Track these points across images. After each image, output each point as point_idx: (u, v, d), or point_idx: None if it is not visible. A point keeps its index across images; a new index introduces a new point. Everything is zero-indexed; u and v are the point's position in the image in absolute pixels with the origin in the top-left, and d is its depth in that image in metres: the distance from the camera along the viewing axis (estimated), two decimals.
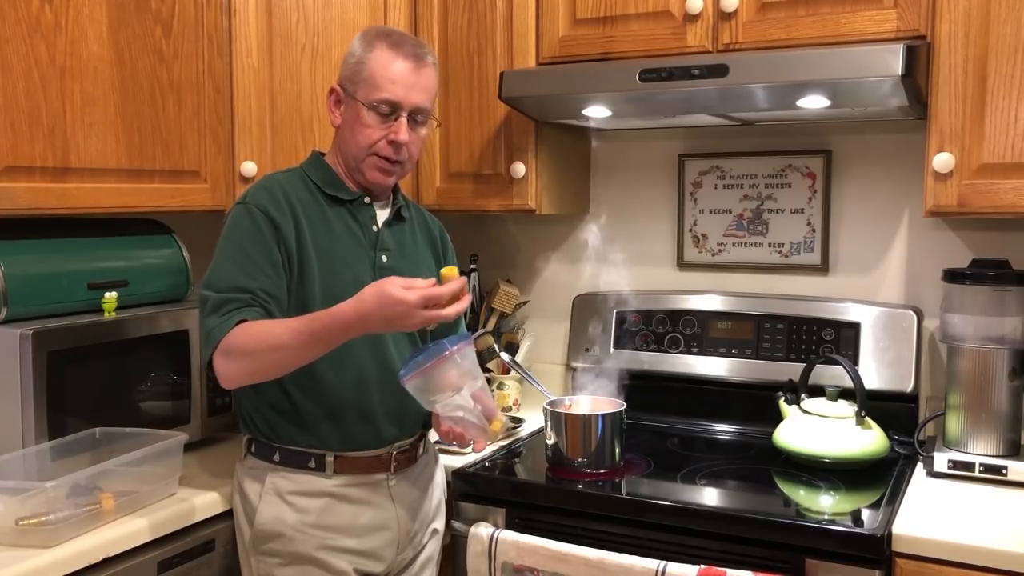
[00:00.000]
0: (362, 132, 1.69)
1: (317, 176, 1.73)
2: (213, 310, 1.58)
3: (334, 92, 1.73)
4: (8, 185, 1.68)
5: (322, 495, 1.67)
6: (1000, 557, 1.51)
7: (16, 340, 1.69)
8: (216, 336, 1.55)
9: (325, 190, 1.72)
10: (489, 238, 2.68)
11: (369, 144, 1.69)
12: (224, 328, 1.55)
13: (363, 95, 1.68)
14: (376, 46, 1.69)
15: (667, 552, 1.68)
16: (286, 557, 1.66)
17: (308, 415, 1.66)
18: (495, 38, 2.22)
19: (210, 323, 1.57)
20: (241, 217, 1.65)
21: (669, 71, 1.85)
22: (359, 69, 1.69)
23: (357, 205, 1.74)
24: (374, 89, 1.67)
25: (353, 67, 1.70)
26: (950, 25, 1.77)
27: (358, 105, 1.69)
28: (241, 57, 2.13)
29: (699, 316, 2.31)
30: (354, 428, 1.68)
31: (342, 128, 1.74)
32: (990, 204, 1.77)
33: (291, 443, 1.68)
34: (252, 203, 1.65)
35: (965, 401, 1.89)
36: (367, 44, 1.70)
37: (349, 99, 1.71)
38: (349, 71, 1.71)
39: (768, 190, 2.32)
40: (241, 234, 1.64)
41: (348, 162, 1.74)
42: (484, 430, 1.62)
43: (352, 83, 1.70)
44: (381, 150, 1.70)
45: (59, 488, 1.54)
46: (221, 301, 1.58)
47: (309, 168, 1.76)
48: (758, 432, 2.16)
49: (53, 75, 1.75)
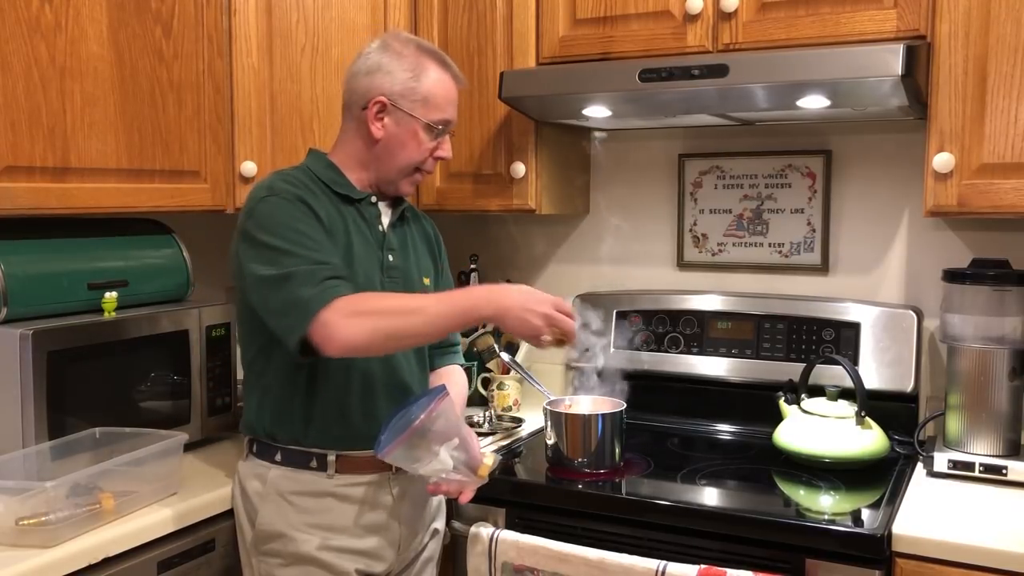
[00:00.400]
0: (416, 148, 1.71)
1: (325, 175, 1.72)
2: (300, 282, 1.52)
3: (379, 104, 1.69)
4: (8, 185, 1.68)
5: (324, 495, 1.67)
6: (1000, 557, 1.51)
7: (16, 340, 1.69)
8: (315, 304, 1.49)
9: (334, 189, 1.71)
10: (489, 238, 2.68)
11: (420, 160, 1.73)
12: (325, 295, 1.50)
13: (423, 113, 1.70)
14: (428, 66, 1.71)
15: (667, 552, 1.68)
16: (288, 557, 1.66)
17: (313, 414, 1.66)
18: (495, 38, 2.22)
19: (304, 293, 1.50)
20: (282, 204, 1.60)
21: (669, 71, 1.85)
22: (415, 87, 1.69)
23: (364, 204, 1.74)
24: (435, 109, 1.71)
25: (408, 83, 1.69)
26: (950, 25, 1.77)
27: (415, 123, 1.70)
28: (241, 57, 2.13)
29: (699, 316, 2.31)
30: (358, 428, 1.68)
31: (386, 141, 1.71)
32: (990, 204, 1.77)
33: (293, 442, 1.68)
34: (283, 193, 1.62)
35: (965, 401, 1.89)
36: (416, 61, 1.70)
37: (403, 115, 1.69)
38: (402, 87, 1.69)
39: (768, 190, 2.32)
40: (289, 217, 1.59)
41: (384, 174, 1.73)
42: (470, 481, 1.63)
43: (407, 100, 1.69)
44: (427, 166, 1.76)
45: (59, 488, 1.54)
46: (306, 272, 1.52)
47: (315, 167, 1.74)
48: (758, 432, 2.16)
49: (53, 75, 1.75)
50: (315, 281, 1.52)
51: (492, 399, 2.44)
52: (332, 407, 1.66)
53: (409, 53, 1.71)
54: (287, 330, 1.53)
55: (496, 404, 2.43)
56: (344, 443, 1.68)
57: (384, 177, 1.74)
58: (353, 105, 1.73)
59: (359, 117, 1.72)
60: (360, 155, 1.74)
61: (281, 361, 1.64)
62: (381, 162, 1.73)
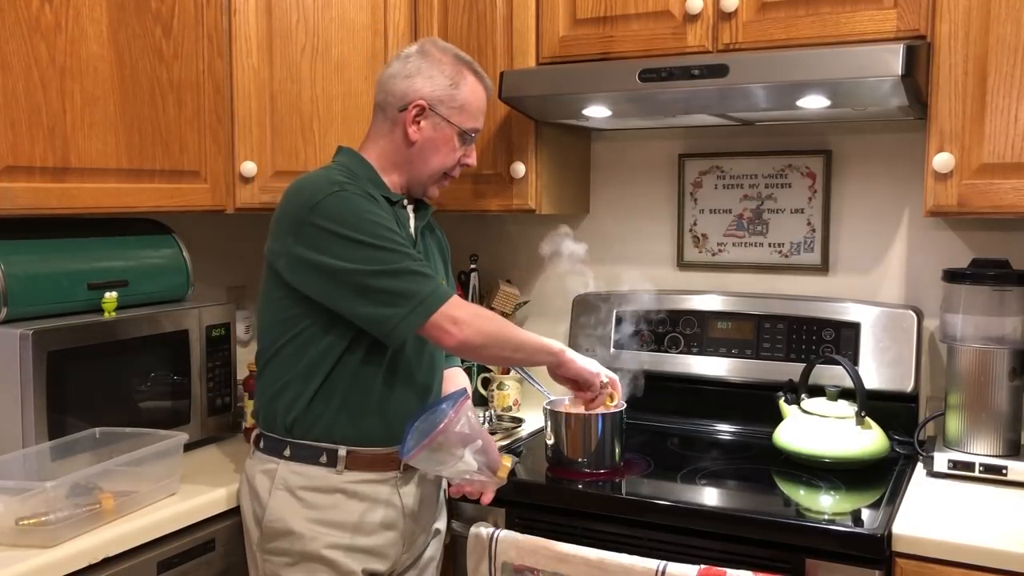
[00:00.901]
0: (448, 154, 1.76)
1: (363, 174, 1.73)
2: (417, 277, 1.60)
3: (418, 107, 1.72)
4: (8, 185, 1.68)
5: (333, 491, 1.67)
6: (1000, 557, 1.51)
7: (16, 340, 1.69)
8: (445, 292, 1.61)
9: (371, 189, 1.71)
10: (489, 238, 2.68)
11: (451, 166, 1.79)
12: (444, 290, 1.62)
13: (459, 120, 1.75)
14: (465, 74, 1.76)
15: (667, 552, 1.68)
16: (294, 556, 1.66)
17: (330, 408, 1.66)
18: (495, 38, 2.22)
19: (424, 287, 1.59)
20: (358, 200, 1.62)
21: (669, 71, 1.85)
22: (454, 94, 1.74)
23: (399, 207, 1.76)
24: (469, 118, 1.77)
25: (448, 90, 1.73)
26: (950, 25, 1.77)
27: (451, 129, 1.75)
28: (241, 57, 2.13)
29: (699, 316, 2.31)
30: (373, 425, 1.68)
31: (421, 145, 1.74)
32: (990, 204, 1.77)
33: (305, 436, 1.68)
34: (355, 190, 1.64)
35: (965, 401, 1.89)
36: (455, 69, 1.75)
37: (440, 120, 1.74)
38: (442, 92, 1.73)
39: (768, 190, 2.32)
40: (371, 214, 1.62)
41: (416, 176, 1.76)
42: (490, 482, 1.68)
43: (446, 106, 1.73)
44: (455, 172, 1.81)
45: (59, 488, 1.54)
46: (420, 269, 1.61)
47: (354, 166, 1.74)
48: (758, 432, 2.16)
49: (53, 75, 1.75)
50: (429, 277, 1.61)
51: (492, 399, 2.44)
52: (350, 402, 1.67)
53: (448, 61, 1.75)
54: (396, 319, 1.58)
55: (496, 404, 2.43)
56: (357, 439, 1.68)
57: (415, 179, 1.77)
58: (389, 107, 1.75)
59: (395, 119, 1.74)
60: (393, 156, 1.76)
61: (314, 354, 1.65)
62: (413, 165, 1.76)
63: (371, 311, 1.59)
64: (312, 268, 1.60)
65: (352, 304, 1.60)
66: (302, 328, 1.65)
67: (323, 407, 1.66)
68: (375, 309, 1.59)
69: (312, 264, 1.60)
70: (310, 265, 1.60)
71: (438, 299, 1.60)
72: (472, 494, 1.71)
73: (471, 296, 2.56)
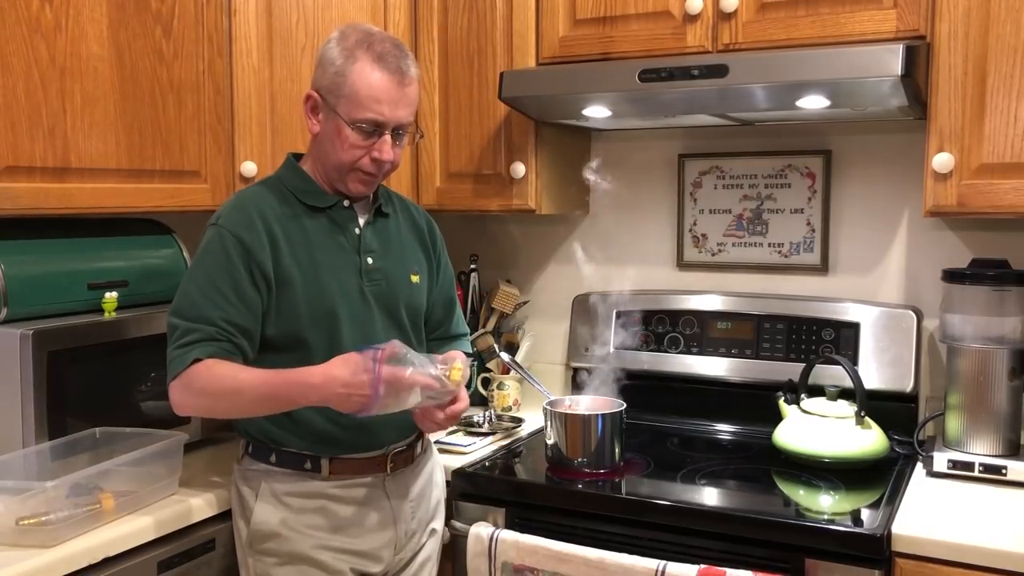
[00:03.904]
0: (345, 150, 1.64)
1: (293, 185, 1.70)
2: (176, 340, 1.57)
3: (311, 99, 1.66)
4: (8, 185, 1.68)
5: (318, 496, 1.67)
6: (1000, 557, 1.51)
7: (16, 340, 1.69)
8: (175, 368, 1.56)
9: (302, 199, 1.69)
10: (489, 238, 2.68)
11: (352, 161, 1.65)
12: (183, 361, 1.55)
13: (345, 112, 1.61)
14: (358, 58, 1.60)
15: (667, 552, 1.68)
16: (283, 556, 1.66)
17: (301, 420, 1.65)
18: (495, 38, 2.22)
19: (172, 353, 1.57)
20: (212, 243, 1.62)
21: (669, 71, 1.85)
22: (340, 82, 1.61)
23: (336, 210, 1.71)
24: (357, 107, 1.61)
25: (333, 78, 1.62)
26: (950, 25, 1.77)
27: (339, 121, 1.62)
28: (241, 57, 2.13)
29: (699, 316, 2.31)
30: (349, 433, 1.67)
31: (321, 138, 1.68)
32: (990, 204, 1.77)
33: (287, 445, 1.68)
34: (224, 226, 1.62)
35: (965, 401, 1.89)
36: (347, 54, 1.61)
37: (329, 111, 1.63)
38: (328, 81, 1.62)
39: (768, 190, 2.32)
40: (210, 261, 1.61)
41: (328, 172, 1.70)
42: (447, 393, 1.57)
43: (332, 95, 1.62)
44: (364, 166, 1.66)
45: (59, 488, 1.54)
46: (185, 330, 1.57)
47: (285, 177, 1.72)
48: (758, 432, 2.16)
49: (53, 75, 1.75)
50: (182, 343, 1.56)
51: (492, 399, 2.44)
52: (320, 413, 1.64)
53: (348, 46, 1.62)
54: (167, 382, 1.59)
55: (496, 404, 2.43)
56: (334, 447, 1.68)
57: (328, 175, 1.70)
58: None
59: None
60: (314, 152, 1.73)
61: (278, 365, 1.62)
62: (320, 160, 1.70)
63: None
64: None
65: None
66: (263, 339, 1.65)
67: (296, 419, 1.65)
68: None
69: None
70: None
71: (174, 368, 1.56)
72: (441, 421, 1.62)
73: (471, 296, 2.56)
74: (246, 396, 1.56)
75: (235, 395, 1.56)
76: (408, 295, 1.77)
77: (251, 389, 1.55)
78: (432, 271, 1.88)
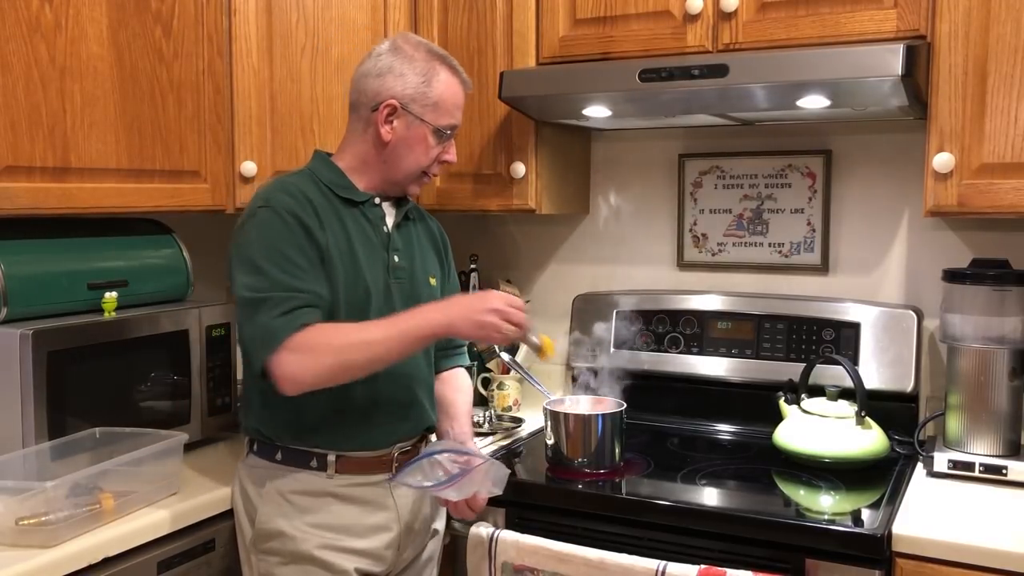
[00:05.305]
0: (424, 153, 1.72)
1: (327, 178, 1.72)
2: (272, 308, 1.55)
3: (390, 107, 1.69)
4: (8, 185, 1.68)
5: (323, 495, 1.67)
6: (1000, 557, 1.51)
7: (16, 340, 1.69)
8: (281, 335, 1.53)
9: (337, 192, 1.71)
10: (489, 238, 2.68)
11: (428, 164, 1.74)
12: (291, 325, 1.53)
13: (432, 118, 1.71)
14: (438, 69, 1.71)
15: (667, 552, 1.68)
16: (287, 556, 1.66)
17: (314, 415, 1.66)
18: (495, 38, 2.22)
19: (273, 323, 1.53)
20: (272, 220, 1.61)
21: (669, 71, 1.85)
22: (426, 91, 1.70)
23: (368, 206, 1.74)
24: (444, 114, 1.72)
25: (419, 87, 1.69)
26: (950, 25, 1.77)
27: (424, 127, 1.71)
28: (241, 57, 2.13)
29: (699, 316, 2.31)
30: (359, 430, 1.68)
31: (395, 143, 1.71)
32: (990, 204, 1.77)
33: (293, 443, 1.68)
34: (278, 205, 1.62)
35: (965, 401, 1.89)
36: (428, 66, 1.71)
37: (412, 118, 1.70)
38: (413, 90, 1.69)
39: (768, 190, 2.32)
40: (276, 236, 1.60)
41: (392, 175, 1.74)
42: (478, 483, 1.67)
43: (418, 104, 1.70)
44: (433, 170, 1.77)
45: (59, 488, 1.54)
46: (280, 299, 1.55)
47: (318, 170, 1.73)
48: (758, 432, 2.16)
49: (53, 75, 1.75)
50: (282, 310, 1.55)
51: (492, 399, 2.44)
52: (334, 409, 1.66)
53: (420, 57, 1.71)
54: (251, 356, 1.57)
55: (496, 404, 2.43)
56: (344, 444, 1.68)
57: (391, 179, 1.75)
58: (361, 106, 1.73)
59: (368, 119, 1.72)
60: (367, 156, 1.74)
61: None
62: (388, 165, 1.73)
63: (241, 336, 1.60)
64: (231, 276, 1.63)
65: (239, 325, 1.62)
66: None
67: (310, 414, 1.65)
68: (243, 336, 1.60)
69: (231, 273, 1.63)
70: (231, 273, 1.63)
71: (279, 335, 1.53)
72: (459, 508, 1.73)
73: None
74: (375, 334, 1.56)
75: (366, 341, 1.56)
76: (428, 295, 1.80)
77: (378, 328, 1.57)
78: (443, 279, 1.90)
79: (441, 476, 1.66)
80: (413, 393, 1.75)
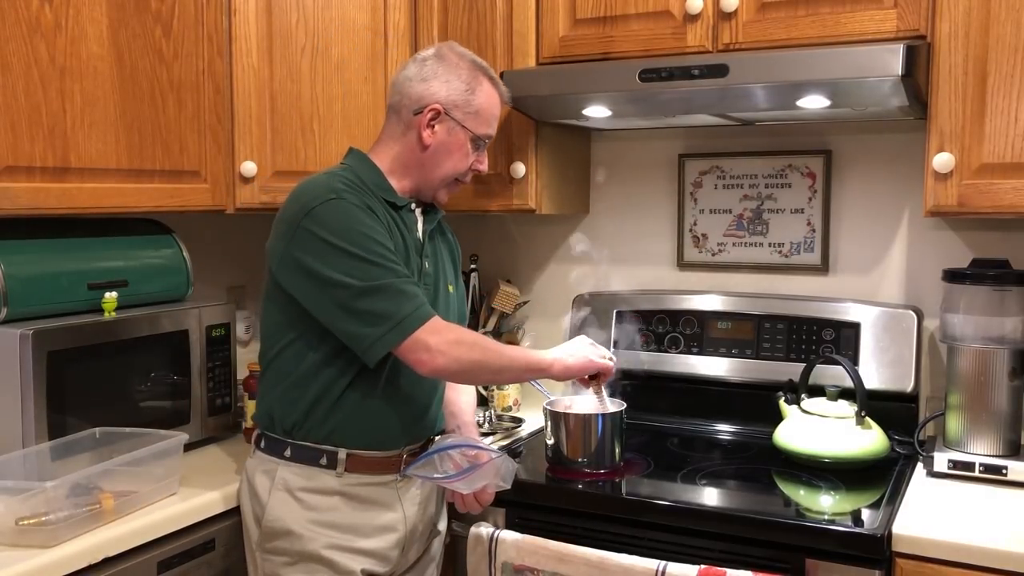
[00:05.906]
0: (461, 159, 1.76)
1: (370, 179, 1.72)
2: (398, 296, 1.57)
3: (434, 111, 1.71)
4: (8, 185, 1.68)
5: (332, 493, 1.67)
6: (1000, 557, 1.51)
7: (16, 340, 1.69)
8: (424, 315, 1.58)
9: (378, 193, 1.71)
10: (489, 238, 2.68)
11: (463, 171, 1.78)
12: (425, 311, 1.59)
13: (473, 125, 1.74)
14: (481, 80, 1.76)
15: (667, 552, 1.68)
16: (293, 556, 1.66)
17: (333, 412, 1.66)
18: (495, 38, 2.22)
19: (403, 307, 1.57)
20: (351, 210, 1.61)
21: (669, 71, 1.85)
22: (470, 99, 1.73)
23: (405, 212, 1.75)
24: (483, 123, 1.76)
25: (464, 95, 1.73)
26: (950, 25, 1.77)
27: (465, 133, 1.74)
28: (241, 57, 2.13)
29: (699, 316, 2.31)
30: (375, 429, 1.68)
31: (435, 149, 1.73)
32: (990, 204, 1.77)
33: (306, 438, 1.67)
34: (348, 197, 1.62)
35: (965, 401, 1.89)
36: (472, 75, 1.75)
37: (454, 124, 1.73)
38: (458, 97, 1.72)
39: (768, 190, 2.32)
40: (362, 225, 1.60)
41: (427, 180, 1.75)
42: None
43: (460, 110, 1.73)
44: (466, 177, 1.81)
45: (59, 488, 1.54)
46: (403, 288, 1.58)
47: (360, 170, 1.73)
48: (758, 432, 2.16)
49: (53, 75, 1.75)
50: (410, 296, 1.58)
51: (492, 399, 2.44)
52: (350, 407, 1.66)
53: (465, 66, 1.75)
54: (371, 339, 1.57)
55: (496, 404, 2.43)
56: (357, 443, 1.68)
57: (426, 184, 1.76)
58: (404, 109, 1.74)
59: (409, 122, 1.73)
60: (405, 160, 1.75)
61: (313, 358, 1.65)
62: (425, 169, 1.75)
63: (349, 328, 1.59)
64: (302, 273, 1.60)
65: (333, 318, 1.60)
66: (302, 331, 1.65)
67: (323, 411, 1.66)
68: (353, 327, 1.58)
69: (302, 269, 1.60)
70: (301, 270, 1.60)
71: (413, 322, 1.57)
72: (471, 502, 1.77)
73: (471, 296, 2.56)
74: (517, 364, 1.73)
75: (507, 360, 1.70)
76: (447, 302, 1.83)
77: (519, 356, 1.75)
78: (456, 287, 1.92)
79: (451, 469, 1.67)
80: (430, 397, 1.77)
